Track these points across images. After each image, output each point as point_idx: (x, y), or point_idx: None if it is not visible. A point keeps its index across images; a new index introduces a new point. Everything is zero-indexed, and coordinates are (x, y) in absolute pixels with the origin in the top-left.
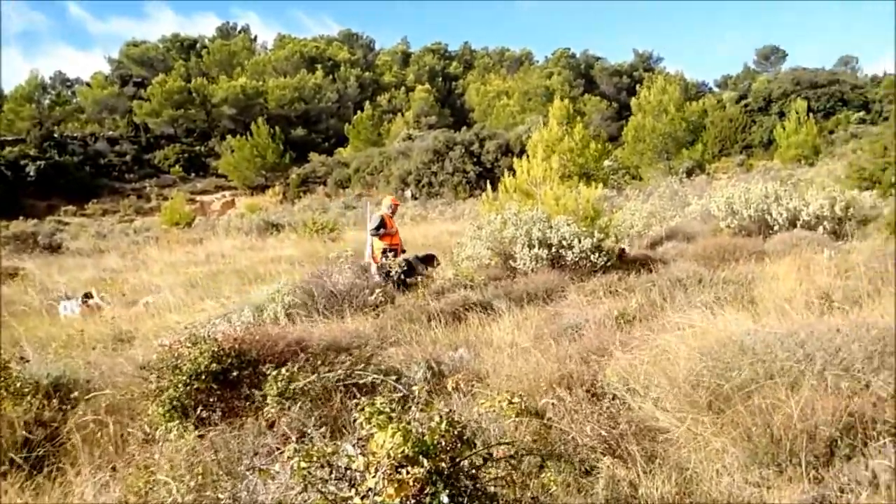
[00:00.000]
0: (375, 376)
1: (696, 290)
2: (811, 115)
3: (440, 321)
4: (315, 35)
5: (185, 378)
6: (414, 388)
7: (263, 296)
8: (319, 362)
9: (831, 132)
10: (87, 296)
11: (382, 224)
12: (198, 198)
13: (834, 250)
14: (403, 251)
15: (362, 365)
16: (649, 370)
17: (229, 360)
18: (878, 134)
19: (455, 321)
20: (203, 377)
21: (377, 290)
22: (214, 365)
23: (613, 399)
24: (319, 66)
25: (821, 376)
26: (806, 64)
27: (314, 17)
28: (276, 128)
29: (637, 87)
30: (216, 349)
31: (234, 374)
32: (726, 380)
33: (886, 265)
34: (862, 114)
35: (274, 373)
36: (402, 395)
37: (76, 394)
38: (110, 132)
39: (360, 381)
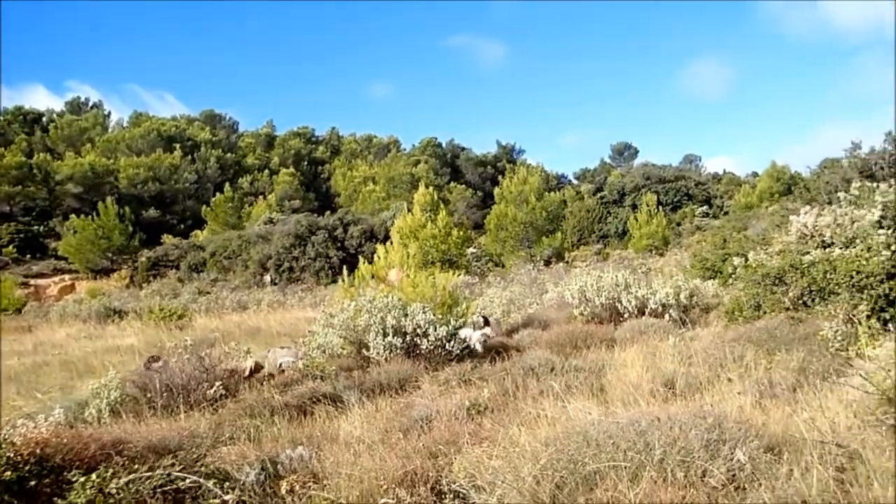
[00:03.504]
0: (198, 480)
1: (548, 377)
2: (660, 207)
3: (284, 416)
4: (175, 114)
5: None
6: (227, 497)
7: (88, 391)
8: (137, 466)
9: (678, 224)
10: None
11: None
12: (32, 281)
13: (678, 337)
14: None
15: (181, 467)
16: (497, 465)
17: (27, 468)
18: (719, 227)
19: (301, 415)
20: None
21: (217, 383)
22: (9, 473)
23: (456, 498)
24: (178, 145)
25: (660, 466)
26: (655, 160)
27: (153, 93)
28: (127, 208)
29: (500, 177)
30: (12, 454)
31: (33, 482)
32: (570, 472)
33: (725, 352)
34: (705, 208)
35: (83, 479)
36: (223, 501)
37: None
38: None
39: (182, 486)
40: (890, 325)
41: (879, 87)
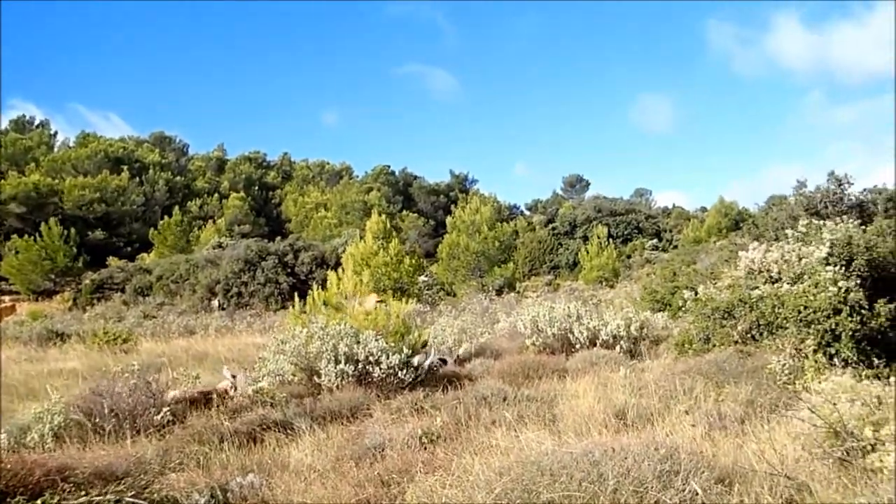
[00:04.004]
0: None
1: (500, 407)
2: (611, 240)
3: (233, 442)
4: (122, 135)
5: None
6: None
7: (30, 416)
8: (85, 492)
9: (629, 257)
10: None
11: None
12: None
13: (629, 368)
14: None
15: (131, 494)
16: (450, 494)
17: None
18: (668, 260)
19: (251, 442)
20: None
21: (164, 409)
22: None
23: None
24: (126, 167)
25: (614, 496)
26: (607, 193)
27: (98, 113)
28: (72, 229)
29: (453, 206)
30: None
31: None
32: (525, 502)
33: (675, 384)
34: (655, 241)
35: None
36: None
37: None
38: None
39: None
40: (836, 360)
41: (824, 126)
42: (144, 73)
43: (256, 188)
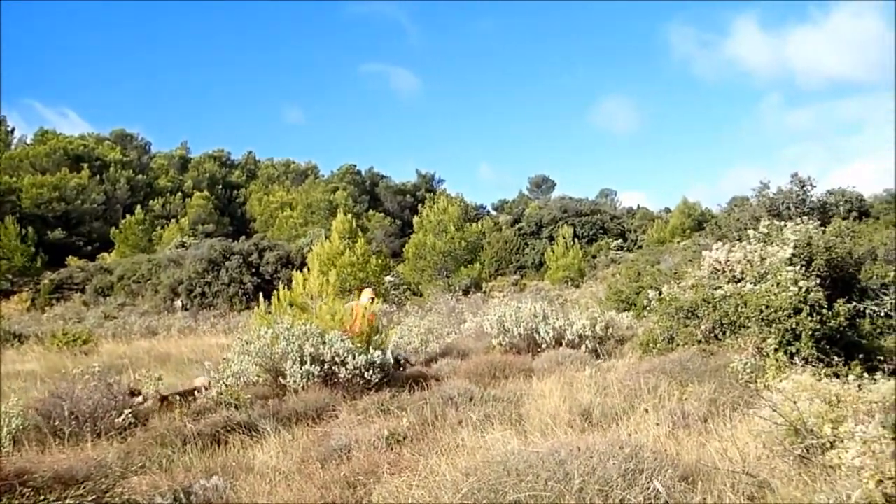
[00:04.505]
0: None
1: (467, 407)
2: (577, 240)
3: (197, 445)
4: (83, 132)
5: None
6: None
7: None
8: (44, 497)
9: (594, 257)
10: None
11: None
12: None
13: (594, 368)
14: None
15: (92, 498)
16: (417, 494)
17: None
18: (633, 261)
19: (214, 444)
20: None
21: (126, 411)
22: None
23: None
24: (86, 164)
25: (580, 495)
26: (572, 193)
27: (54, 110)
28: (30, 228)
29: (419, 206)
30: None
31: None
32: (491, 502)
33: (639, 384)
34: (620, 241)
35: None
36: None
37: None
38: None
39: None
40: (796, 358)
41: (782, 128)
42: (102, 69)
43: (220, 187)
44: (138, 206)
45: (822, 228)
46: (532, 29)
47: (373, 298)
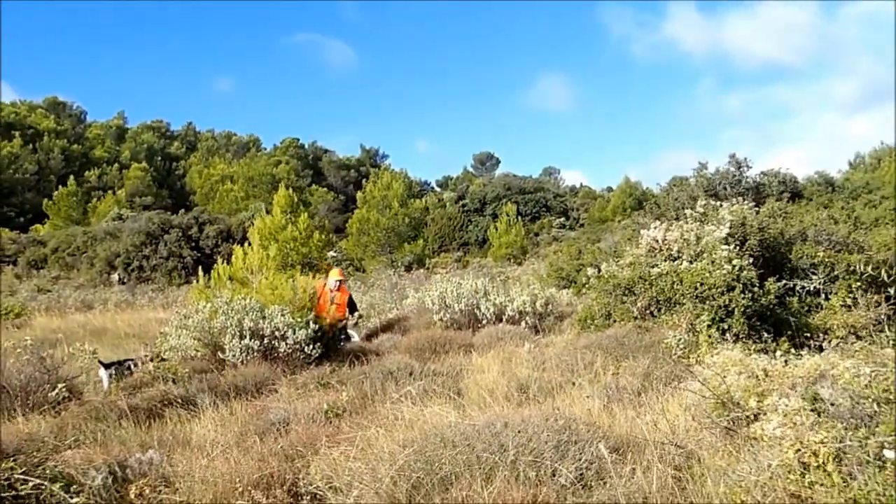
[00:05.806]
0: (40, 483)
1: (406, 381)
2: (520, 218)
3: (133, 419)
4: (14, 100)
5: None
6: (73, 501)
7: None
8: None
9: (536, 234)
10: None
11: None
12: None
13: (533, 343)
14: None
15: (23, 470)
16: (355, 466)
17: None
18: (575, 239)
19: (151, 419)
20: None
21: (60, 385)
22: None
23: (313, 499)
24: (18, 133)
25: (513, 466)
26: (517, 171)
27: None
28: None
29: (363, 181)
30: None
31: None
32: (427, 473)
33: (576, 359)
34: (562, 220)
35: None
36: None
37: None
38: None
39: (23, 491)
40: (728, 335)
41: (716, 112)
42: (32, 36)
43: (159, 158)
44: (72, 177)
45: (757, 209)
46: (472, 6)
47: (340, 281)
